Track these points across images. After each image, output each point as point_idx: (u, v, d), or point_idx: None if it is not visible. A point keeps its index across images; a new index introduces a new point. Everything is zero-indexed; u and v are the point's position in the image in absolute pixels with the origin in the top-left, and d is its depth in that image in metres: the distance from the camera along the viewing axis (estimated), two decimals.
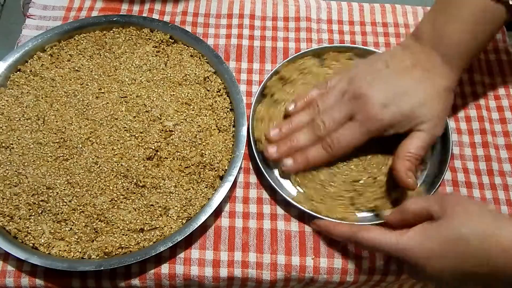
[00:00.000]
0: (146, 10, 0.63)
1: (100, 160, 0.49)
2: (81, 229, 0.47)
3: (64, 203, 0.47)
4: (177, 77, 0.55)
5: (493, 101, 0.59)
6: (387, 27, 0.64)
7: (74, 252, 0.46)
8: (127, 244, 0.46)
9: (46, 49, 0.57)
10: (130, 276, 0.47)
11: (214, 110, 0.54)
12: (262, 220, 0.50)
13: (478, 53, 0.51)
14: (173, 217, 0.48)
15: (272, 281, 0.48)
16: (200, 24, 0.63)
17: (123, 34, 0.58)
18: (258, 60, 0.60)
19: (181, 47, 0.58)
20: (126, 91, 0.54)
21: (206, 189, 0.49)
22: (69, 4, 0.64)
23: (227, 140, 0.52)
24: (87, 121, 0.52)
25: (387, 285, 0.51)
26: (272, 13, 0.64)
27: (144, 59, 0.56)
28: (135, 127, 0.51)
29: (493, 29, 0.48)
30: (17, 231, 0.47)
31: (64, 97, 0.53)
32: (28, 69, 0.55)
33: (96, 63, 0.56)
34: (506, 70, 0.61)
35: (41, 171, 0.49)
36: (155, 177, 0.49)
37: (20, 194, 0.48)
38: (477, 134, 0.56)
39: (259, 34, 0.62)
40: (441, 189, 0.53)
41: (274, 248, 0.49)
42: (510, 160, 0.55)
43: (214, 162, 0.50)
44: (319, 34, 0.62)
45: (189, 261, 0.48)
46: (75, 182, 0.48)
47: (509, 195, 0.52)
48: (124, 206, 0.48)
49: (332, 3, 0.65)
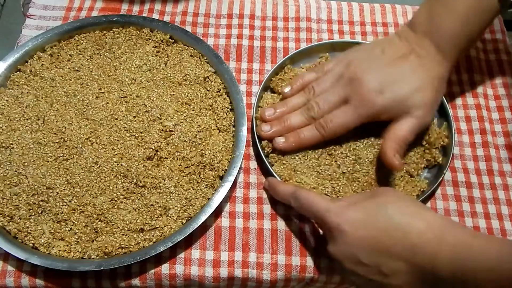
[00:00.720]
0: (146, 10, 0.63)
1: (100, 160, 0.49)
2: (81, 229, 0.47)
3: (64, 203, 0.47)
4: (177, 77, 0.55)
5: (493, 101, 0.59)
6: (387, 27, 0.64)
7: (74, 252, 0.46)
8: (127, 244, 0.46)
9: (46, 49, 0.57)
10: (130, 276, 0.47)
11: (214, 110, 0.54)
12: (262, 220, 0.50)
13: (472, 44, 0.53)
14: (173, 217, 0.48)
15: (273, 281, 0.48)
16: (200, 24, 0.63)
17: (123, 34, 0.58)
18: (258, 60, 0.60)
19: (181, 47, 0.58)
20: (126, 91, 0.54)
21: (206, 189, 0.49)
22: (69, 4, 0.64)
23: (227, 140, 0.52)
24: (87, 121, 0.52)
25: None
26: (272, 13, 0.64)
27: (144, 59, 0.56)
28: (135, 127, 0.51)
29: (486, 20, 0.49)
30: (17, 231, 0.47)
31: (64, 97, 0.53)
32: (28, 69, 0.55)
33: (96, 63, 0.56)
34: (506, 70, 0.61)
35: (41, 171, 0.49)
36: (155, 177, 0.49)
37: (20, 194, 0.48)
38: (477, 134, 0.56)
39: (259, 34, 0.62)
40: (441, 189, 0.53)
41: (274, 248, 0.49)
42: (510, 160, 0.55)
43: (214, 162, 0.50)
44: (319, 34, 0.62)
45: (190, 261, 0.48)
46: (75, 182, 0.48)
47: (509, 195, 0.52)
48: (124, 206, 0.48)
49: (332, 3, 0.65)
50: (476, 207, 0.52)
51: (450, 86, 0.59)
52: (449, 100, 0.58)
